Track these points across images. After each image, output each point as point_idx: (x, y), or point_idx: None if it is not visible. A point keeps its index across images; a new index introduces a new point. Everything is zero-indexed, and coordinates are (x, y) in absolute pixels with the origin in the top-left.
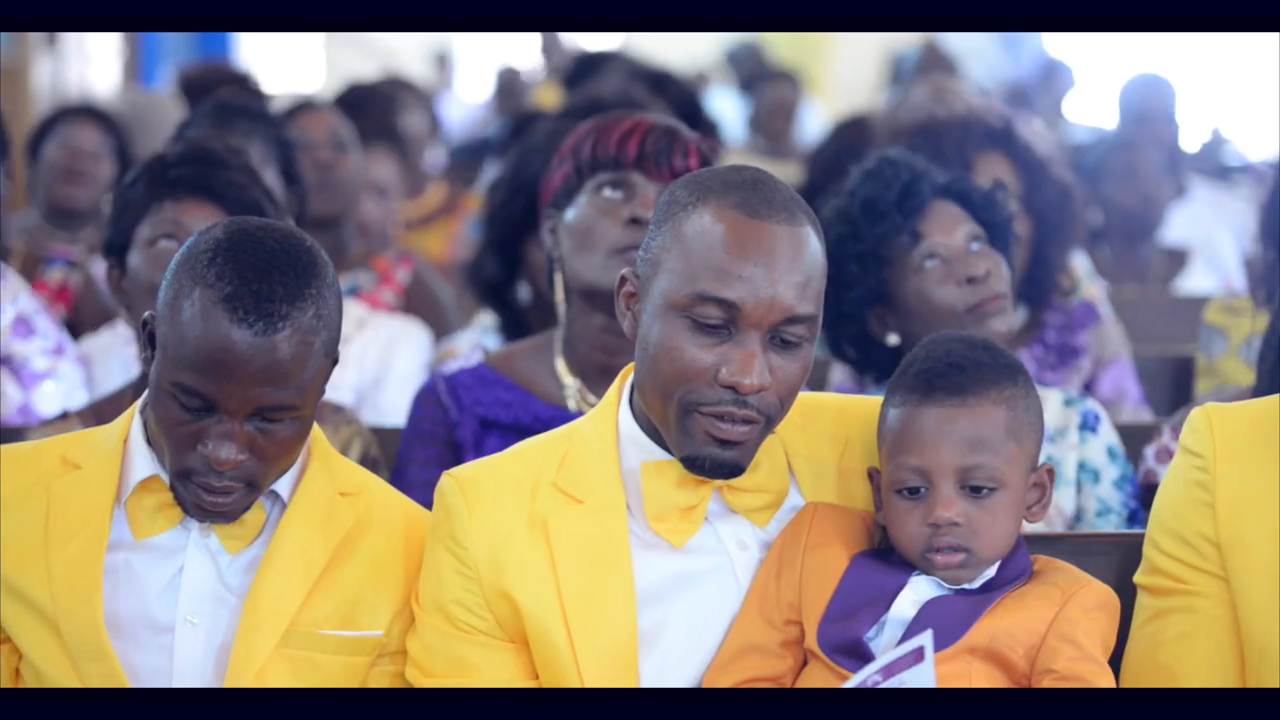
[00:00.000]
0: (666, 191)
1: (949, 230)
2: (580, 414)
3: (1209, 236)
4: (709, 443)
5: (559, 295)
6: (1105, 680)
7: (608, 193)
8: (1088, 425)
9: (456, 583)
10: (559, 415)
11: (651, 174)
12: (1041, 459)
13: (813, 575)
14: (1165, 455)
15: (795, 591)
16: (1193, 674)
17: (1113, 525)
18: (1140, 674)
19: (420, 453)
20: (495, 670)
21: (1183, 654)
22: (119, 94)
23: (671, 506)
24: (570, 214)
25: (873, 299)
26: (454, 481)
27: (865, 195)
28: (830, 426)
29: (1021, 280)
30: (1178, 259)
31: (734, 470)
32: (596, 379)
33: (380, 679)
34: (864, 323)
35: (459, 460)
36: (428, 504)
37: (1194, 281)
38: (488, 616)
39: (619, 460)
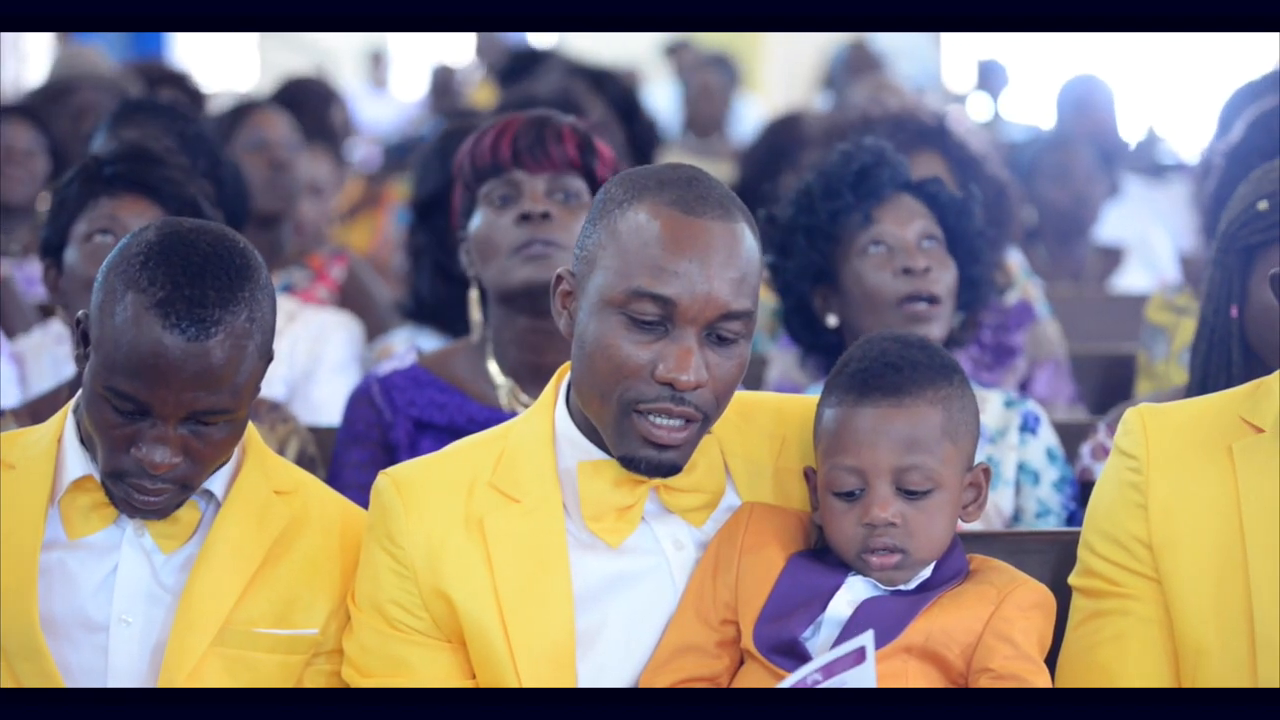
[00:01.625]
0: (601, 190)
1: (902, 222)
2: (514, 414)
3: (1144, 235)
4: (645, 444)
5: (474, 313)
6: (1042, 679)
7: (497, 200)
8: (1028, 427)
9: (393, 582)
10: (493, 416)
11: (531, 167)
12: (981, 459)
13: (749, 575)
14: (1101, 452)
15: (732, 591)
16: (1129, 676)
17: (1051, 526)
18: (1076, 675)
19: (355, 454)
20: (432, 670)
21: (1118, 656)
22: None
23: (608, 506)
24: (472, 227)
25: (816, 276)
26: (390, 481)
27: (826, 172)
28: (767, 426)
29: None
30: (1113, 257)
31: (671, 470)
32: (528, 379)
33: (316, 678)
34: (807, 301)
35: (393, 462)
36: (363, 506)
37: (1129, 279)
38: (424, 616)
39: (555, 460)
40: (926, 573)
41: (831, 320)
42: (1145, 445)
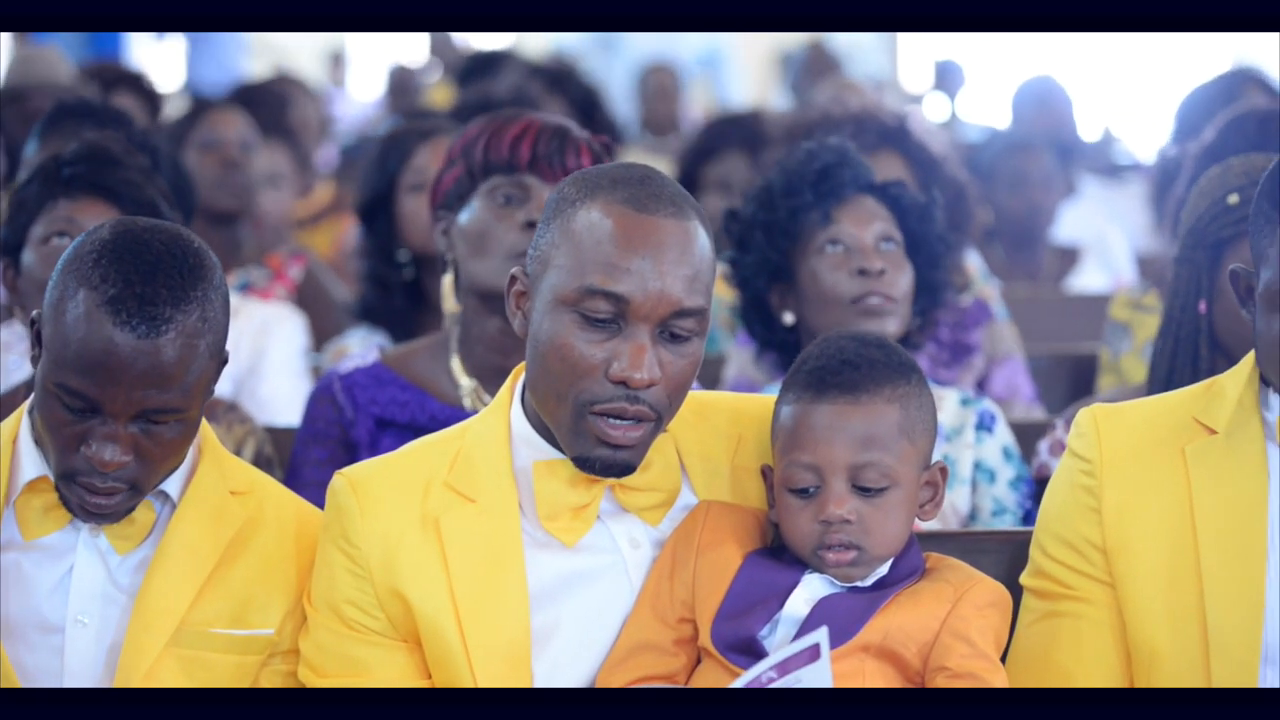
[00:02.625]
0: (555, 189)
1: (861, 223)
2: (476, 413)
3: (1100, 235)
4: (599, 444)
5: (448, 302)
6: (999, 678)
7: (502, 197)
8: (984, 425)
9: (348, 582)
10: (455, 415)
11: (545, 176)
12: (937, 457)
13: (706, 573)
14: (1059, 449)
15: (689, 590)
16: (1083, 679)
17: (1007, 525)
18: (1030, 676)
19: (315, 453)
20: (388, 670)
21: (1074, 659)
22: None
23: (563, 505)
24: (464, 217)
25: (774, 273)
26: (345, 481)
27: (788, 169)
28: (723, 425)
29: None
30: (1069, 257)
31: (625, 470)
32: (492, 379)
33: (272, 678)
34: (764, 297)
35: (354, 460)
36: (322, 504)
37: (1086, 279)
38: (380, 616)
39: (511, 459)
40: (883, 570)
41: (788, 318)
42: (1098, 448)
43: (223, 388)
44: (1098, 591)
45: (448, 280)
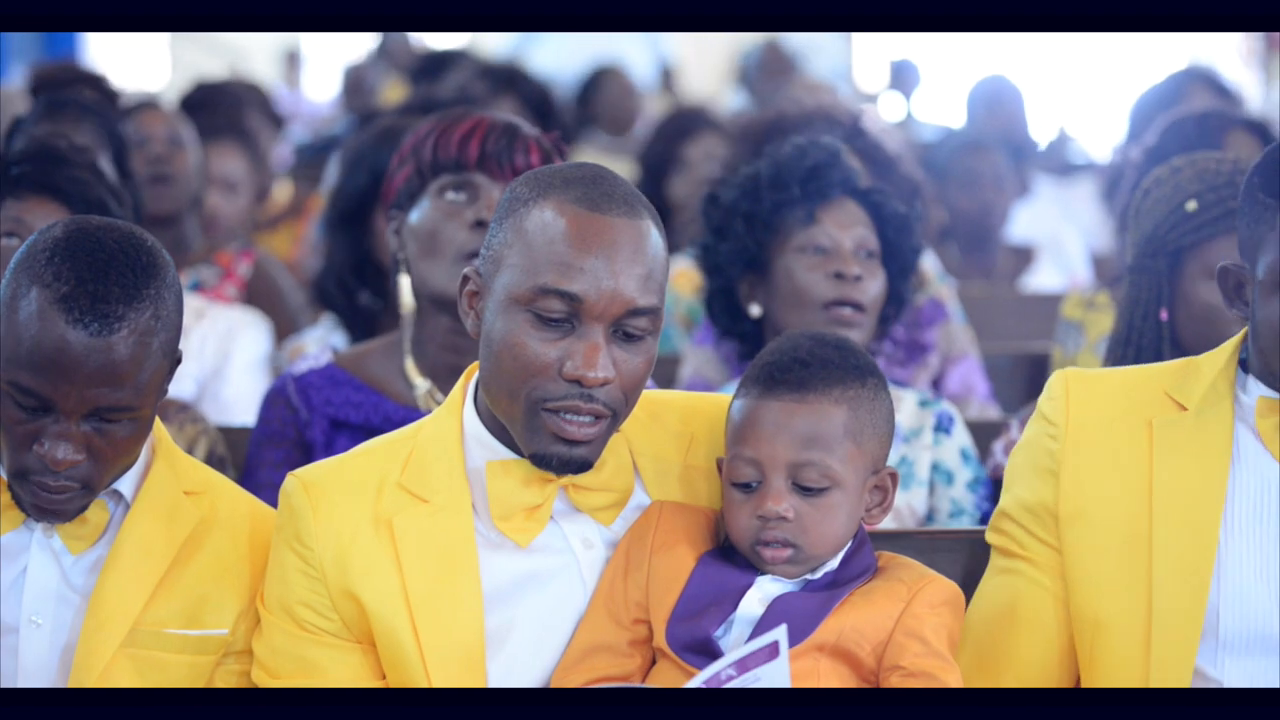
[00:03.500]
0: (507, 189)
1: (843, 226)
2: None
3: (1054, 234)
4: (555, 441)
5: (406, 298)
6: (952, 676)
7: (451, 195)
8: (942, 427)
9: (302, 583)
10: (410, 416)
11: (494, 174)
12: (895, 458)
13: (660, 574)
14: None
15: (643, 590)
16: (1015, 642)
17: (964, 526)
18: (977, 632)
19: (270, 454)
20: (342, 671)
21: (1009, 620)
22: None
23: (516, 506)
24: (414, 216)
25: (747, 263)
26: (298, 482)
27: (779, 161)
28: (675, 424)
29: None
30: (1024, 256)
31: (582, 467)
32: (447, 379)
33: (226, 678)
34: (733, 286)
35: (310, 461)
36: (277, 505)
37: (1040, 278)
38: (334, 617)
39: (464, 459)
40: (834, 566)
41: (754, 310)
42: (1065, 413)
43: (185, 389)
44: (1044, 555)
45: (404, 280)
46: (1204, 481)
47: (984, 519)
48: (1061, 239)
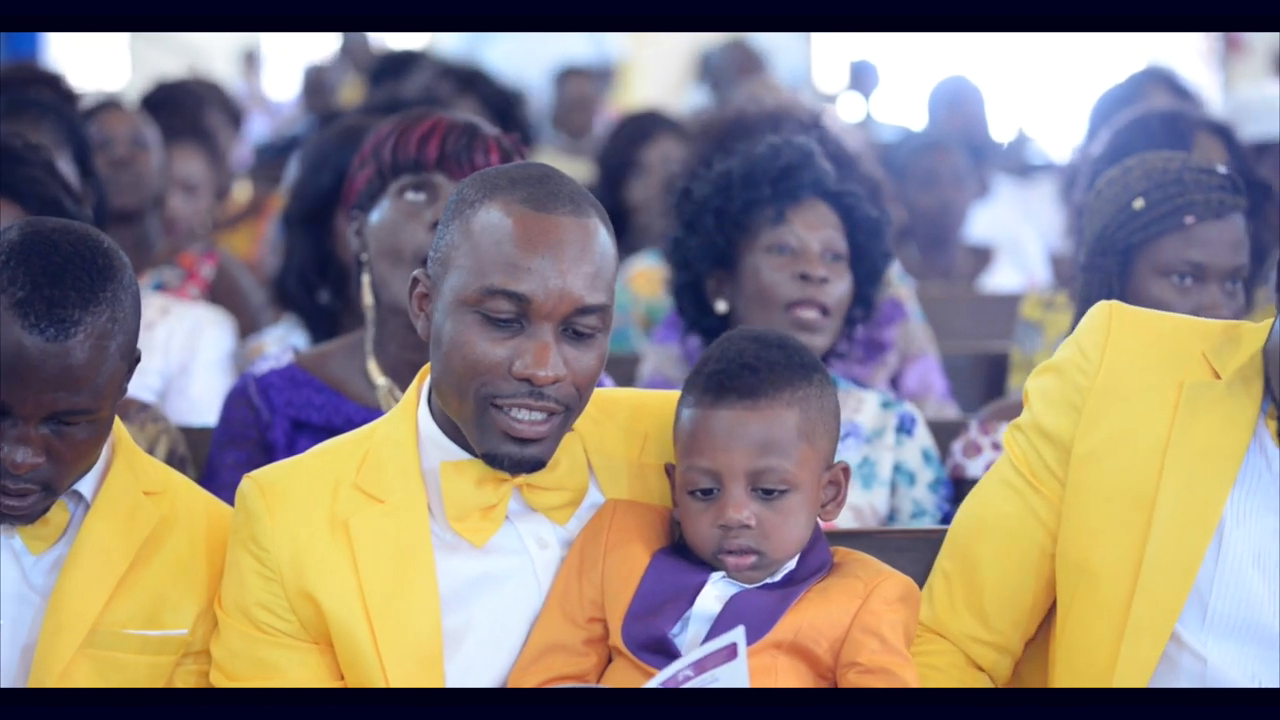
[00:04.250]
0: (455, 190)
1: (812, 228)
2: None
3: (1013, 234)
4: (506, 440)
5: (367, 299)
6: (909, 672)
7: (410, 196)
8: (904, 428)
9: (259, 585)
10: (371, 417)
11: (454, 174)
12: (857, 459)
13: (615, 572)
14: (973, 450)
15: (598, 589)
16: (1001, 561)
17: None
18: (966, 529)
19: (232, 455)
20: (300, 672)
21: (1003, 536)
22: None
23: (471, 506)
24: (375, 217)
25: (716, 259)
26: (254, 484)
27: (752, 159)
28: (627, 422)
29: None
30: (983, 256)
31: (535, 465)
32: (408, 378)
33: (186, 679)
34: (701, 281)
35: (271, 462)
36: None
37: (999, 278)
38: (291, 618)
39: (419, 460)
40: (791, 564)
41: (721, 306)
42: (1103, 350)
43: (151, 384)
44: (1050, 486)
45: (366, 280)
46: (1219, 455)
47: (945, 519)
48: (1020, 239)
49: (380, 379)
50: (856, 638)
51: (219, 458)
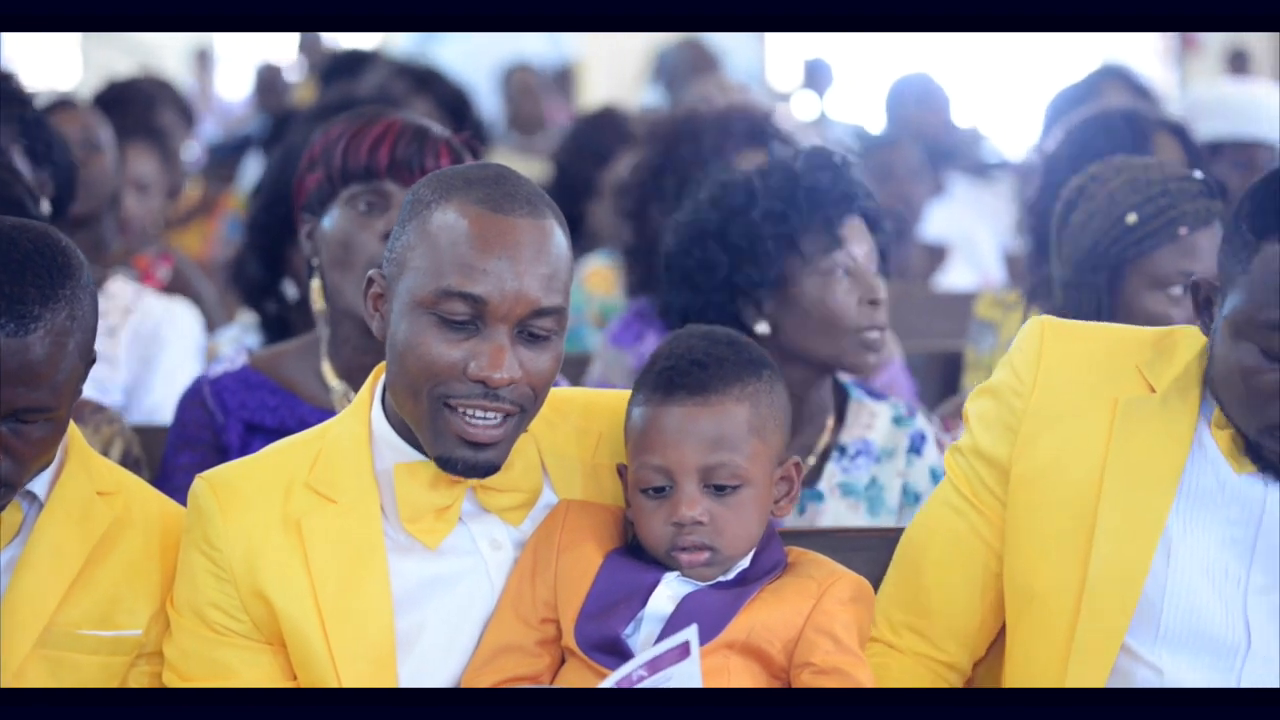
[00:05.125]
0: (410, 191)
1: (861, 246)
2: None
3: (968, 233)
4: (460, 444)
5: (317, 303)
6: (863, 672)
7: (362, 205)
8: (914, 448)
9: (211, 585)
10: (325, 419)
11: (405, 181)
12: (866, 479)
13: (568, 573)
14: (937, 447)
15: (551, 590)
16: (950, 585)
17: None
18: (912, 555)
19: (186, 457)
20: (253, 672)
21: (949, 560)
22: None
23: (425, 507)
24: (327, 223)
25: (758, 281)
26: (206, 484)
27: (811, 183)
28: (579, 422)
29: None
30: (937, 255)
31: (488, 470)
32: (362, 380)
33: (140, 679)
34: (734, 304)
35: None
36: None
37: (953, 277)
38: (244, 619)
39: (372, 461)
40: (745, 563)
41: (762, 328)
42: (1035, 371)
43: (120, 377)
44: (991, 507)
45: (316, 284)
46: (1158, 469)
47: None
48: (975, 238)
49: (335, 382)
50: (810, 638)
51: (172, 459)
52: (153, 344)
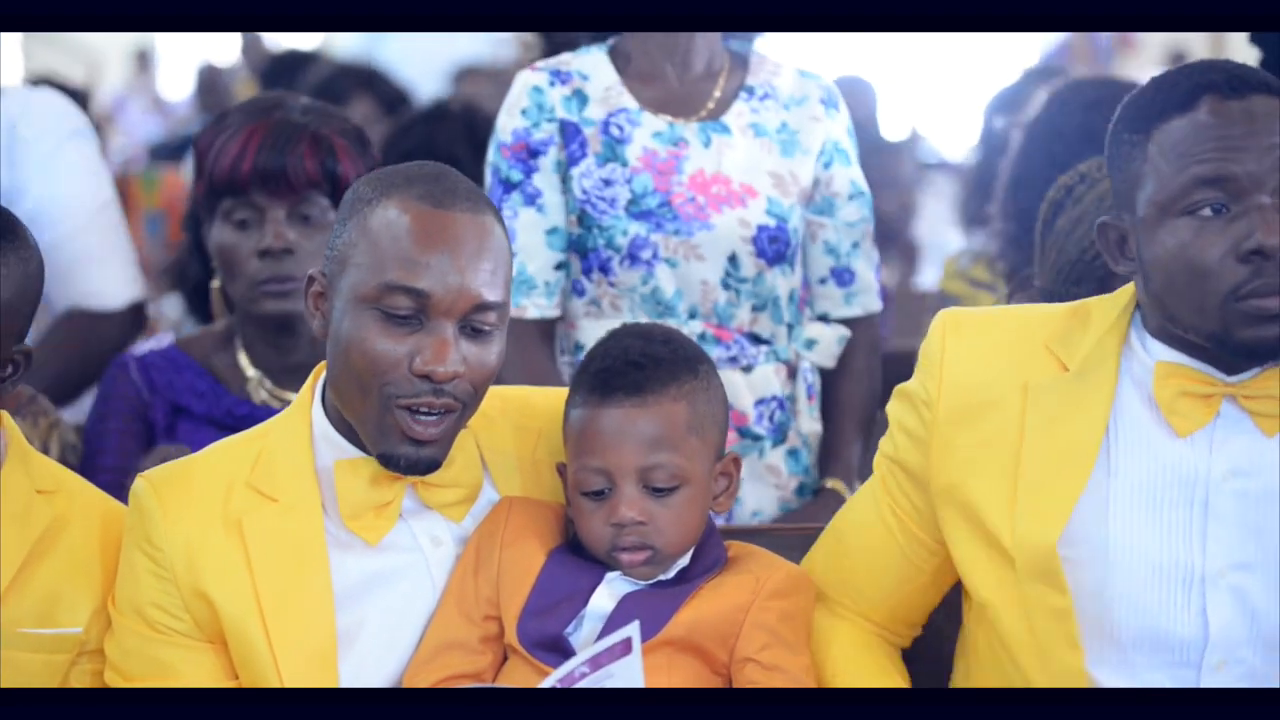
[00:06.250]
0: (350, 190)
1: None
2: (269, 408)
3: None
4: (404, 441)
5: (218, 307)
6: (803, 666)
7: (236, 220)
8: (830, 102)
9: (153, 584)
10: (251, 412)
11: (275, 191)
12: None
13: (510, 570)
14: None
15: (493, 587)
16: (874, 576)
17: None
18: (838, 542)
19: (114, 423)
20: (194, 671)
21: (870, 553)
22: None
23: (365, 504)
24: (214, 233)
25: None
26: (147, 483)
27: None
28: (520, 419)
29: None
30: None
31: (430, 467)
32: (278, 373)
33: (81, 677)
34: None
35: (152, 441)
36: (119, 486)
37: (885, 277)
38: (185, 618)
39: (313, 458)
40: (685, 561)
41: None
42: (939, 377)
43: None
44: (907, 509)
45: (215, 286)
46: (1072, 460)
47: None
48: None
49: (250, 370)
50: (750, 633)
51: (99, 437)
52: (13, 144)
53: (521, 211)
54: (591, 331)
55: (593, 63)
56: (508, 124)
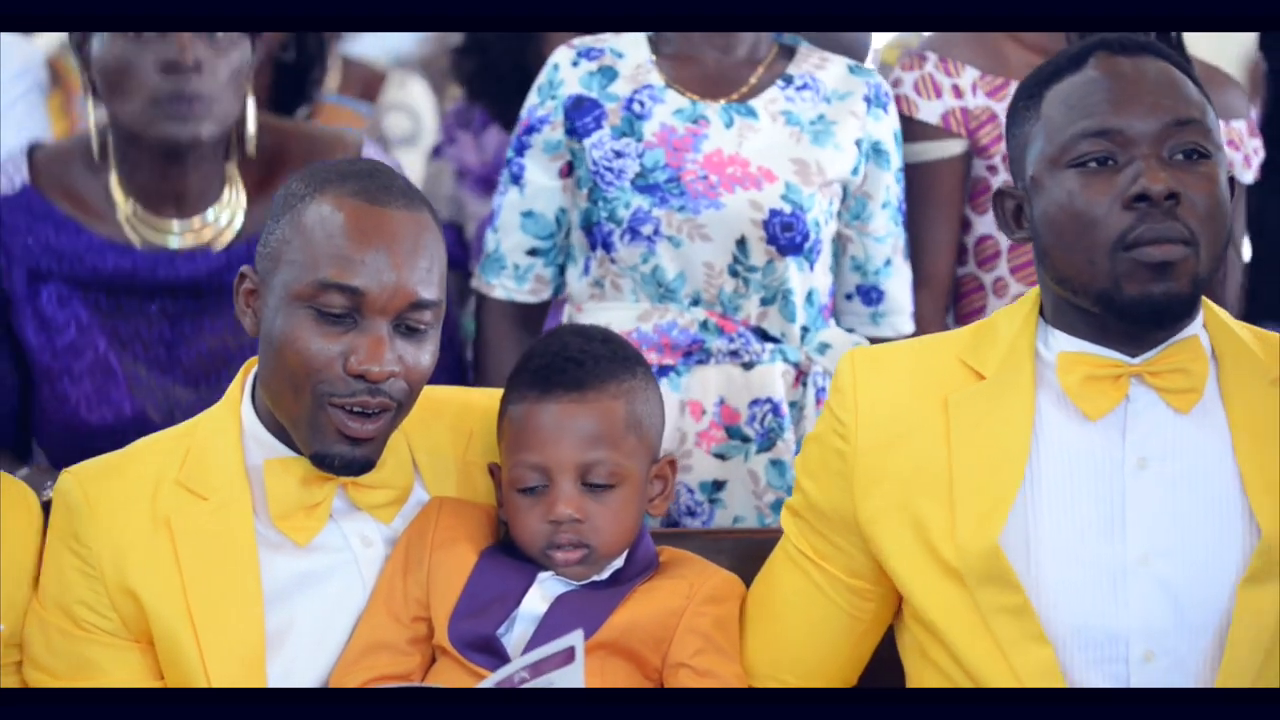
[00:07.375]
0: (283, 187)
1: None
2: (137, 248)
3: None
4: (339, 440)
5: (91, 128)
6: (735, 670)
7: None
8: (879, 102)
9: (79, 582)
10: (119, 263)
11: None
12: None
13: (441, 571)
14: (930, 89)
15: (423, 588)
16: (810, 642)
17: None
18: (762, 615)
19: None
20: (120, 670)
21: (801, 620)
22: None
23: (295, 504)
24: (96, 47)
25: None
26: (74, 479)
27: None
28: (453, 420)
29: None
30: None
31: (364, 467)
32: (156, 200)
33: (10, 677)
34: None
35: (6, 313)
36: None
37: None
38: (112, 616)
39: (243, 457)
40: (619, 563)
41: None
42: (854, 408)
43: None
44: (837, 559)
45: (91, 107)
46: (1002, 461)
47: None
48: None
49: (122, 200)
50: (683, 638)
51: None
52: None
53: (510, 190)
54: (595, 315)
55: (631, 41)
56: (527, 101)
